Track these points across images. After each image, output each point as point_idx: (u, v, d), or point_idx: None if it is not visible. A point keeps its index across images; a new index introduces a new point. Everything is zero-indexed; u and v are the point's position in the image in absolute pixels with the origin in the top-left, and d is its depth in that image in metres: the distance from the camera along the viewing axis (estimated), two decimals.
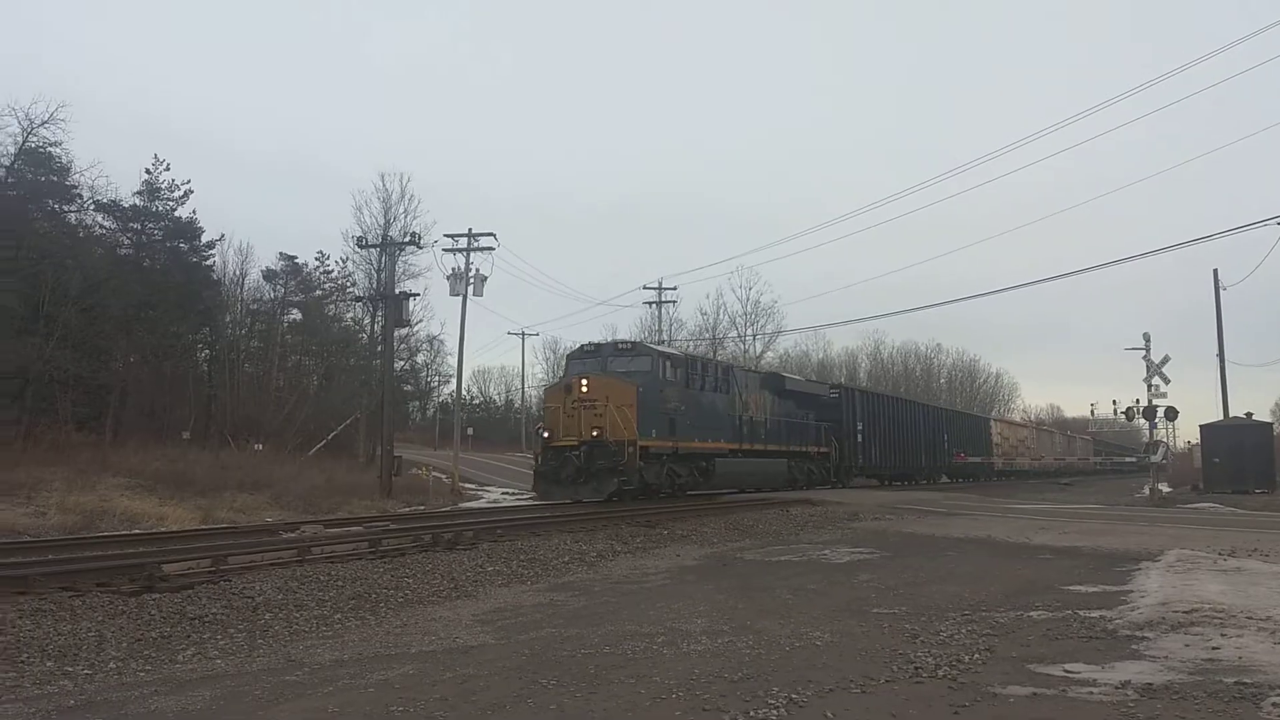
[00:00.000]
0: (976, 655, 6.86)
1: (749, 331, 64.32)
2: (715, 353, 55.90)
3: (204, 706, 5.79)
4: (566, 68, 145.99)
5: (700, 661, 6.77)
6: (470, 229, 38.96)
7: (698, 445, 24.39)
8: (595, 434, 21.19)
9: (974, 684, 6.03)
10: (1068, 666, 6.50)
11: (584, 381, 21.98)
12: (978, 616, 8.55)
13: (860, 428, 36.36)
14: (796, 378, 37.51)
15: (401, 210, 43.22)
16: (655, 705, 5.66)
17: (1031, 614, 8.73)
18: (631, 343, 24.78)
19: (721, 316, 64.64)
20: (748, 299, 64.84)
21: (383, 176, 45.73)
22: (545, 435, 22.26)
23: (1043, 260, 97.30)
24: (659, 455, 22.67)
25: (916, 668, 6.46)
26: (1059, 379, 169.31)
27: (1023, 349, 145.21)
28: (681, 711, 5.53)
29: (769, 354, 65.21)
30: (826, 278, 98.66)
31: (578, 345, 25.68)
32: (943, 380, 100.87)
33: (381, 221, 42.74)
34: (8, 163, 35.53)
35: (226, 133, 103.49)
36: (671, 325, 58.30)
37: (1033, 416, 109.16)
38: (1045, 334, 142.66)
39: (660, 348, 24.53)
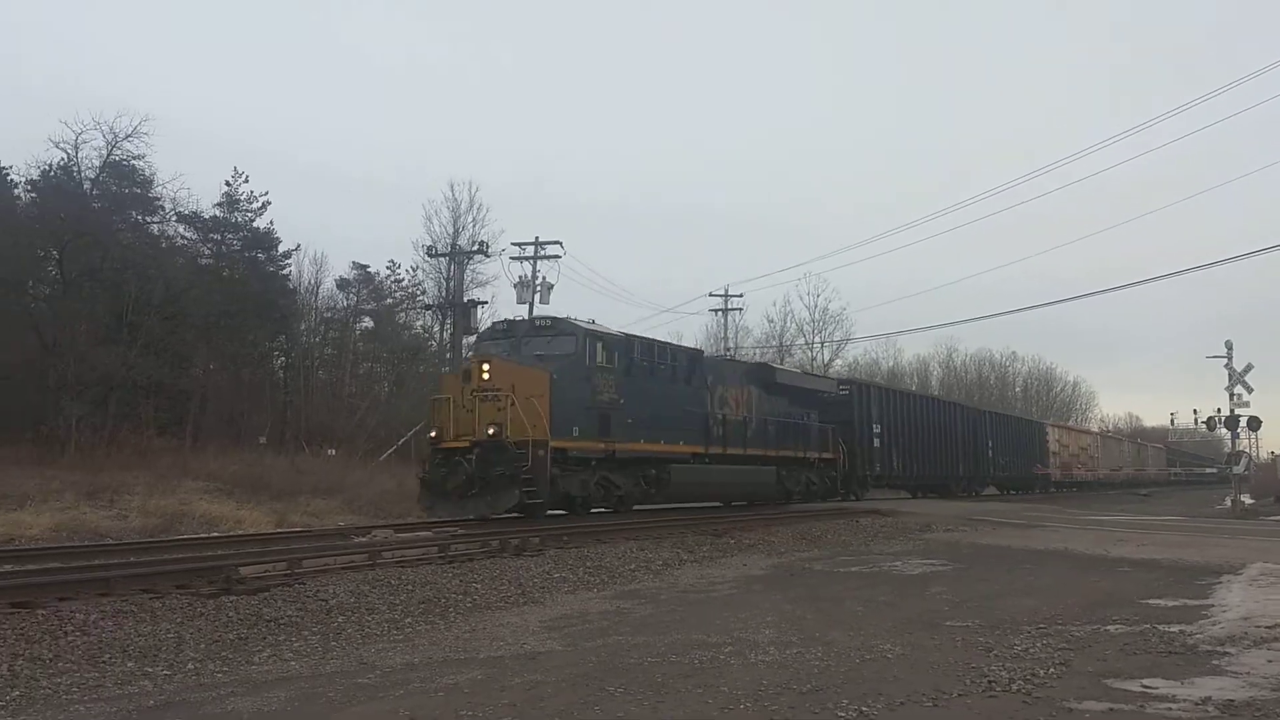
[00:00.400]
0: (1052, 669, 6.72)
1: (817, 339, 64.04)
2: (782, 360, 55.59)
3: (279, 708, 5.90)
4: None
5: (768, 672, 6.72)
6: (537, 237, 39.53)
7: (645, 448, 20.15)
8: (491, 433, 17.11)
9: (1049, 699, 5.91)
10: (1146, 682, 6.34)
11: (485, 366, 17.89)
12: (1053, 630, 8.38)
13: (878, 430, 32.12)
14: (792, 370, 32.59)
15: (470, 220, 43.98)
16: (723, 715, 5.64)
17: (1109, 628, 8.54)
18: (551, 319, 20.65)
19: (789, 324, 64.47)
20: (815, 306, 64.61)
21: (452, 186, 46.81)
22: (432, 435, 18.39)
23: (1122, 264, 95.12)
24: (585, 460, 18.69)
25: (990, 681, 6.35)
26: (1138, 388, 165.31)
27: (1101, 357, 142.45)
28: None
29: (837, 362, 64.84)
30: (899, 284, 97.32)
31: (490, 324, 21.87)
32: (1018, 389, 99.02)
33: (450, 230, 43.52)
34: (93, 175, 36.72)
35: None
36: (737, 333, 58.16)
37: (1110, 426, 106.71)
38: (1124, 341, 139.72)
39: (591, 325, 20.48)
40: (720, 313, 55.81)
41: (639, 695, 6.06)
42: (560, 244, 39.32)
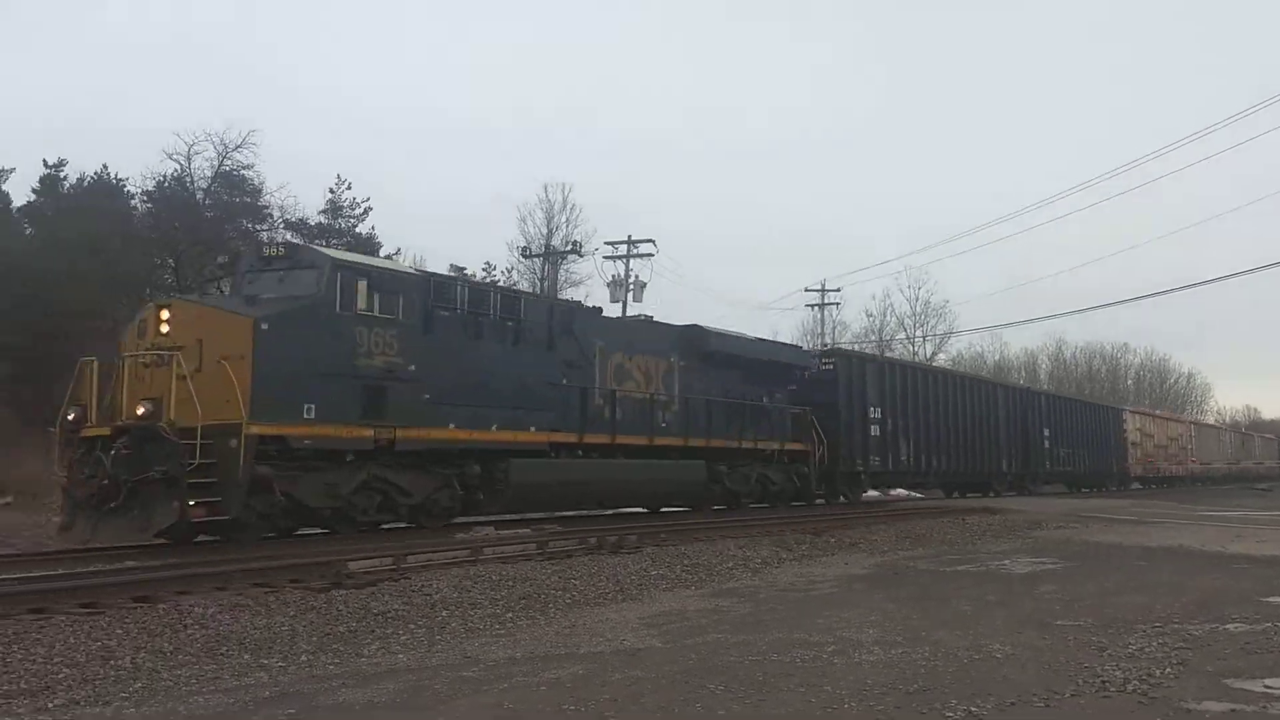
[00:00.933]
0: (1168, 669, 6.49)
1: (918, 333, 63.01)
2: (882, 354, 54.75)
3: (388, 699, 6.03)
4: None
5: (873, 672, 6.63)
6: (630, 236, 39.81)
7: (455, 435, 14.74)
8: (142, 413, 11.82)
9: (1166, 699, 5.71)
10: (1268, 682, 6.10)
11: (164, 314, 12.59)
12: (1169, 629, 8.09)
13: (876, 415, 26.40)
14: (742, 336, 23.68)
15: (564, 220, 44.47)
16: (827, 714, 5.58)
17: (1227, 626, 8.22)
18: (288, 244, 15.46)
19: (889, 318, 63.54)
20: (916, 299, 63.52)
21: (545, 187, 47.51)
22: (70, 417, 12.63)
23: (1229, 254, 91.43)
24: (335, 454, 13.30)
25: (1104, 681, 6.16)
26: (1262, 379, 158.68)
27: (1221, 347, 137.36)
28: None
29: (940, 356, 63.69)
30: (1005, 276, 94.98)
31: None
32: (1130, 381, 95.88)
33: (544, 231, 44.06)
34: (205, 185, 38.13)
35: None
36: (834, 328, 57.58)
37: (1227, 419, 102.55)
38: (1246, 330, 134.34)
39: (350, 255, 14.96)
40: (817, 308, 55.36)
41: (740, 693, 6.04)
42: (653, 242, 39.58)
